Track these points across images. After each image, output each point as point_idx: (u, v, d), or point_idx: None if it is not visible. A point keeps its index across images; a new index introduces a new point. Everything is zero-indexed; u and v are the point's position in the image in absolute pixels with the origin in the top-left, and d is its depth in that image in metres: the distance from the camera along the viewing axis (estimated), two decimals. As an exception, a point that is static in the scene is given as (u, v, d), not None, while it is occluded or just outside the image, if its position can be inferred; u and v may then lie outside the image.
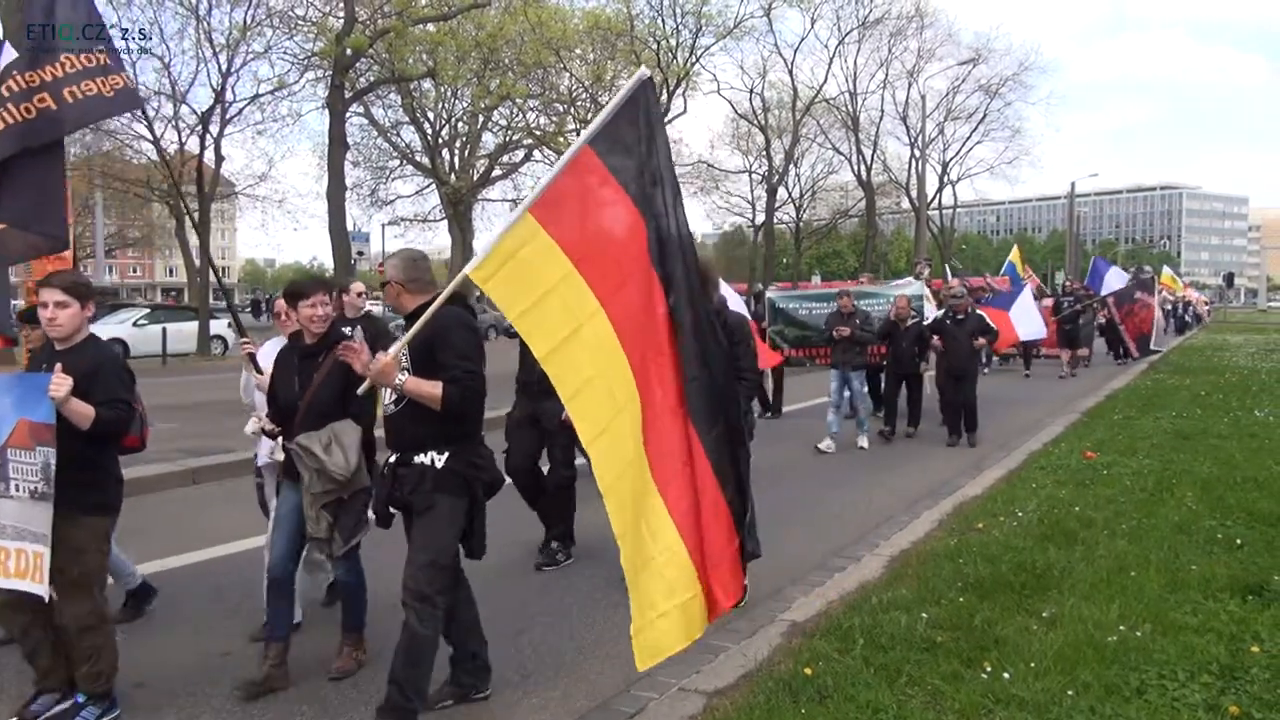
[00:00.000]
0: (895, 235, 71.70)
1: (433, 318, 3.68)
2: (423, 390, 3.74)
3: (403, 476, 3.91)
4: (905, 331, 11.69)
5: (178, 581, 5.86)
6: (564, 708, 4.13)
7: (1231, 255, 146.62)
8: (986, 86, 45.97)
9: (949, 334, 11.42)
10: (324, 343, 4.34)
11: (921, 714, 3.67)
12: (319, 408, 4.25)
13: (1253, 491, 7.49)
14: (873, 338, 11.42)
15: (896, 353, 11.76)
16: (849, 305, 11.20)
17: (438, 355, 3.76)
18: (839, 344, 11.00)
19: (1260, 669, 4.00)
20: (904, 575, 5.61)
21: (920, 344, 11.73)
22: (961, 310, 11.60)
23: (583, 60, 27.50)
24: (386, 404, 3.92)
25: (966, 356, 11.36)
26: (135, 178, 31.77)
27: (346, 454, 4.15)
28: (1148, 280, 23.25)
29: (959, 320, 11.50)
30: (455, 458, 3.85)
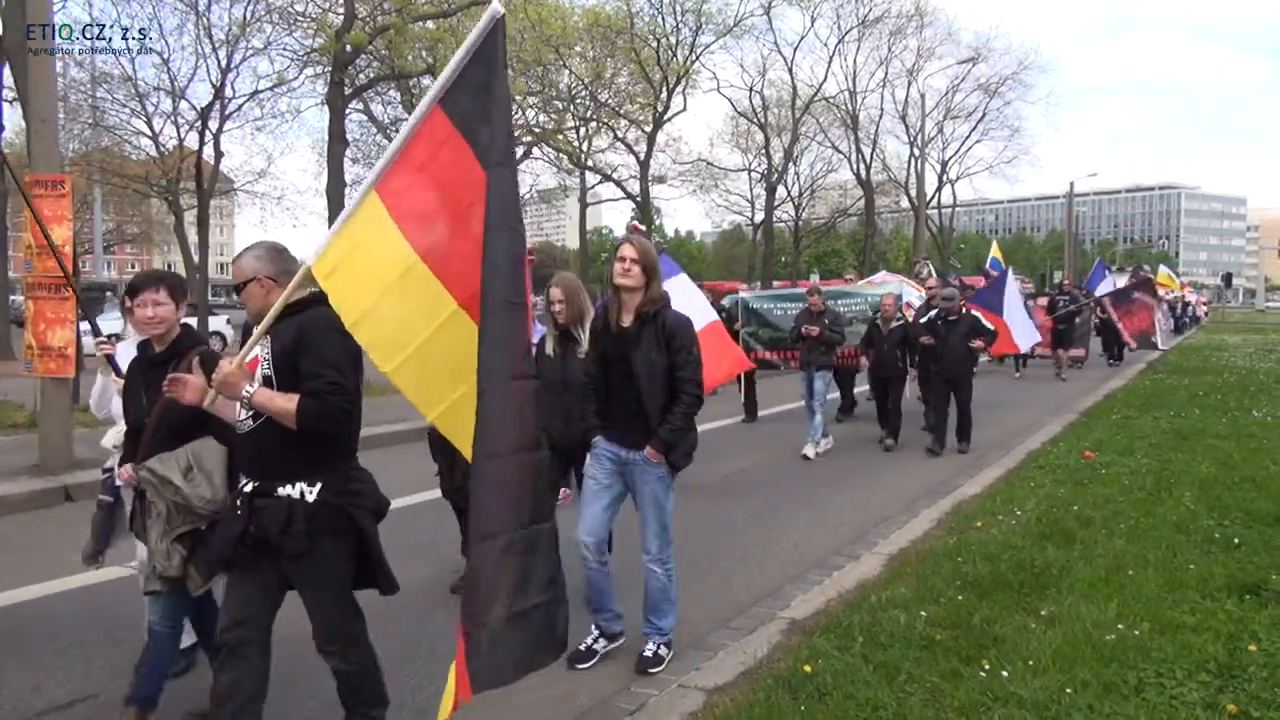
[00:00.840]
0: (894, 234, 71.72)
1: (296, 320, 3.20)
2: (275, 405, 3.15)
3: (263, 510, 3.26)
4: (889, 333, 11.21)
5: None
6: (565, 705, 4.15)
7: (1230, 255, 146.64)
8: (986, 86, 46.03)
9: (940, 336, 10.74)
10: (174, 350, 3.75)
11: (920, 712, 3.68)
12: (170, 426, 3.60)
13: (1250, 491, 7.51)
14: (841, 338, 10.84)
15: (880, 355, 11.27)
16: (818, 304, 10.63)
17: (300, 363, 3.19)
18: (807, 343, 10.52)
19: (1258, 668, 4.02)
20: (903, 574, 5.63)
21: (904, 347, 11.13)
22: (954, 311, 10.91)
23: (582, 58, 27.52)
24: (240, 420, 3.31)
25: (960, 360, 10.74)
26: (134, 173, 31.73)
27: (211, 480, 3.54)
28: (1145, 280, 23.19)
29: (951, 322, 10.81)
30: (329, 489, 3.26)
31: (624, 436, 4.49)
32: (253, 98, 26.48)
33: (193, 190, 31.49)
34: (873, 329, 11.41)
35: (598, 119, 29.80)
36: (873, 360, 11.45)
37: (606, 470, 4.61)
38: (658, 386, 4.37)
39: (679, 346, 4.37)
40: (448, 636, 4.89)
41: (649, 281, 4.35)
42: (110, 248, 52.87)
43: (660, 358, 4.34)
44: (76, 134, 27.57)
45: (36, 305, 8.58)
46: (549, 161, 33.58)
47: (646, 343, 4.35)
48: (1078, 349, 20.86)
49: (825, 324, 10.39)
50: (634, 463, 4.49)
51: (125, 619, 5.11)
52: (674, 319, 4.42)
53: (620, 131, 31.91)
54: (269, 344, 3.24)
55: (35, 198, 8.50)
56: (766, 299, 13.59)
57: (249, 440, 3.30)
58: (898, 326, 11.22)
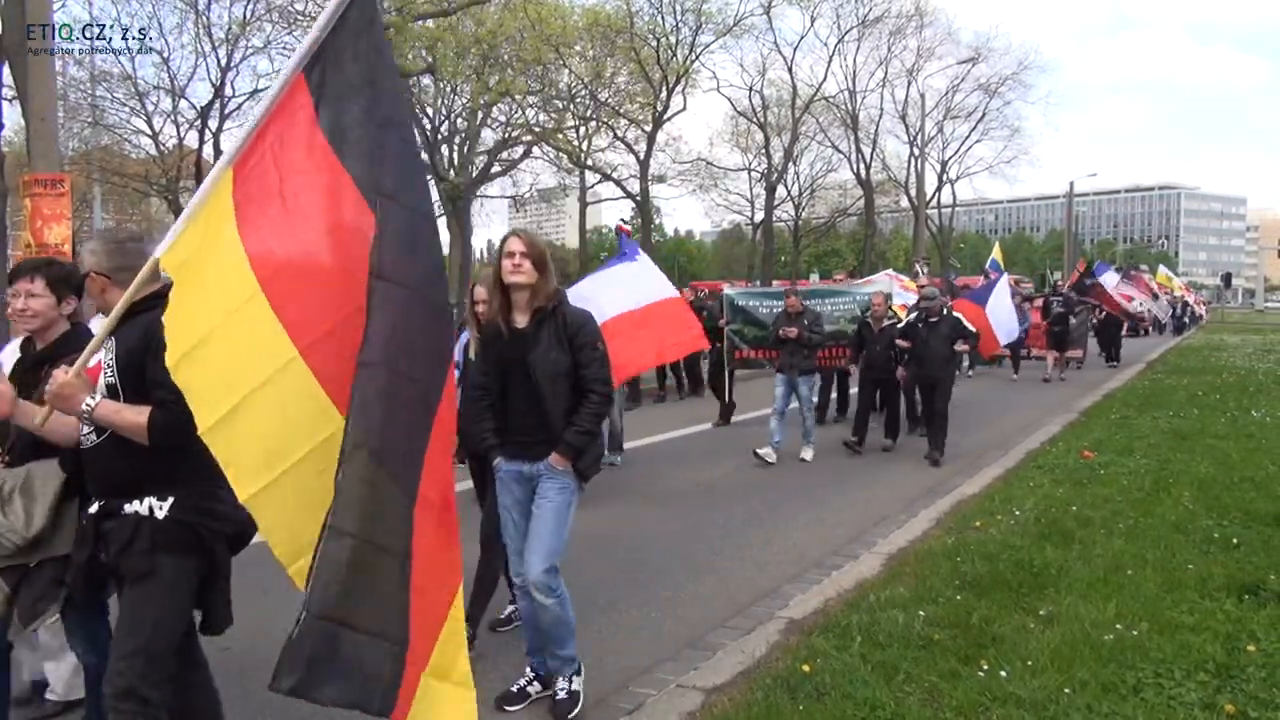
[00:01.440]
0: (894, 234, 71.71)
1: (143, 319, 2.81)
2: (123, 419, 2.80)
3: (109, 532, 2.91)
4: (881, 333, 10.73)
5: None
6: (562, 704, 4.13)
7: (1229, 255, 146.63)
8: (986, 85, 45.92)
9: (920, 338, 10.21)
10: (58, 349, 3.25)
11: (919, 712, 3.68)
12: (27, 441, 3.21)
13: (1249, 491, 7.50)
14: (822, 339, 10.40)
15: (871, 356, 10.83)
16: (796, 305, 10.18)
17: (148, 368, 2.80)
18: (786, 346, 10.04)
19: (1256, 668, 4.02)
20: (902, 574, 5.63)
21: (896, 347, 10.62)
22: (935, 312, 10.34)
23: (582, 57, 27.52)
24: (84, 434, 2.95)
25: (940, 363, 10.18)
26: (134, 172, 31.76)
27: (30, 509, 3.12)
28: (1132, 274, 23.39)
29: (932, 323, 10.24)
30: (182, 504, 2.89)
31: (525, 450, 4.01)
32: (252, 96, 26.47)
33: (192, 189, 31.48)
34: (863, 328, 11.03)
35: (597, 118, 29.79)
36: (864, 361, 11.01)
37: (516, 496, 4.11)
38: (561, 389, 3.94)
39: (582, 343, 3.95)
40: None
41: (541, 276, 3.92)
42: (110, 246, 52.74)
43: (562, 356, 3.92)
44: (76, 132, 27.58)
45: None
46: (549, 161, 33.62)
47: (545, 342, 3.92)
48: (1076, 350, 20.58)
49: (804, 325, 9.96)
50: (538, 476, 4.00)
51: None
52: (575, 314, 4.01)
53: (620, 131, 31.91)
54: (113, 347, 2.87)
55: (34, 196, 8.51)
56: (752, 296, 13.03)
57: (93, 457, 2.95)
58: (889, 326, 10.82)
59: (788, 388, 10.08)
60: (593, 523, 7.39)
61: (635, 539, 6.95)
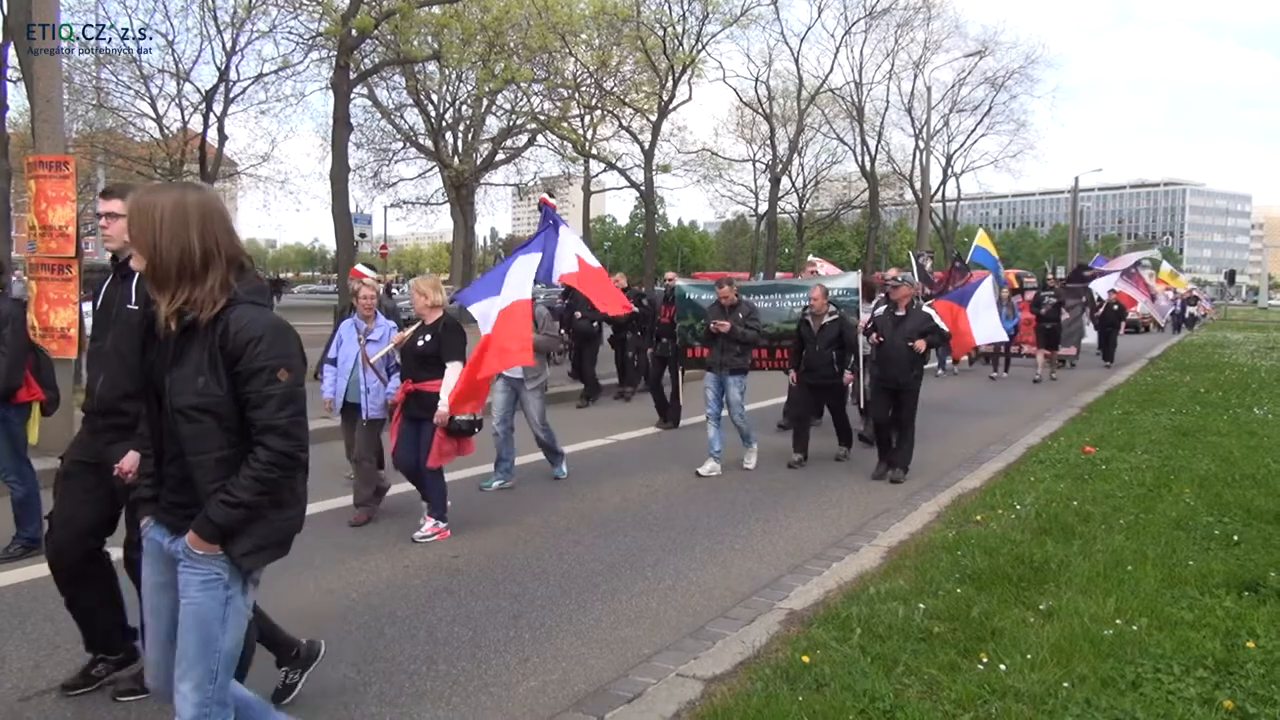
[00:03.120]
0: (898, 227, 71.62)
1: None
2: None
3: None
4: (821, 331, 9.31)
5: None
6: (562, 691, 4.15)
7: (1234, 253, 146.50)
8: (992, 79, 45.79)
9: (885, 334, 8.87)
10: None
11: (918, 704, 3.69)
12: None
13: (1251, 489, 7.51)
14: (758, 336, 9.20)
15: (811, 358, 9.34)
16: (730, 295, 9.05)
17: None
18: (717, 341, 9.00)
19: (1255, 664, 4.02)
20: (902, 566, 5.63)
21: (839, 347, 9.29)
22: (902, 304, 8.93)
23: (588, 45, 27.41)
24: None
25: (904, 365, 8.70)
26: (138, 155, 31.72)
27: None
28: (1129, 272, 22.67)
29: (898, 317, 8.87)
30: None
31: (169, 514, 2.79)
32: (257, 81, 26.44)
33: (196, 173, 31.47)
34: (801, 327, 9.52)
35: (603, 107, 29.71)
36: (804, 364, 9.43)
37: (158, 579, 2.84)
38: (211, 434, 2.64)
39: (251, 369, 2.62)
40: (446, 622, 4.93)
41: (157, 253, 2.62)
42: (113, 230, 52.70)
43: (214, 386, 2.63)
44: (80, 115, 27.55)
45: (39, 286, 8.57)
46: (553, 149, 33.55)
47: (193, 362, 2.65)
48: (1069, 348, 19.67)
49: (739, 319, 8.94)
50: (177, 556, 2.71)
51: (128, 597, 5.13)
52: (247, 321, 2.63)
53: (625, 120, 31.83)
54: None
55: (39, 178, 8.50)
56: (705, 288, 11.76)
57: None
58: (831, 323, 9.28)
59: (718, 388, 9.08)
60: (591, 511, 7.42)
61: (634, 528, 6.95)
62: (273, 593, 5.29)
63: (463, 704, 4.02)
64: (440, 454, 6.44)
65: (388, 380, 7.02)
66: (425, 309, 6.72)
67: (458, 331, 6.69)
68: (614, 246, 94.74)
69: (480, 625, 4.91)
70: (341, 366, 7.12)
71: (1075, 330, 19.97)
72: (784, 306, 10.45)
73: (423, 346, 6.62)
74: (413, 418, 6.62)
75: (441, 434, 6.41)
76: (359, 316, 7.19)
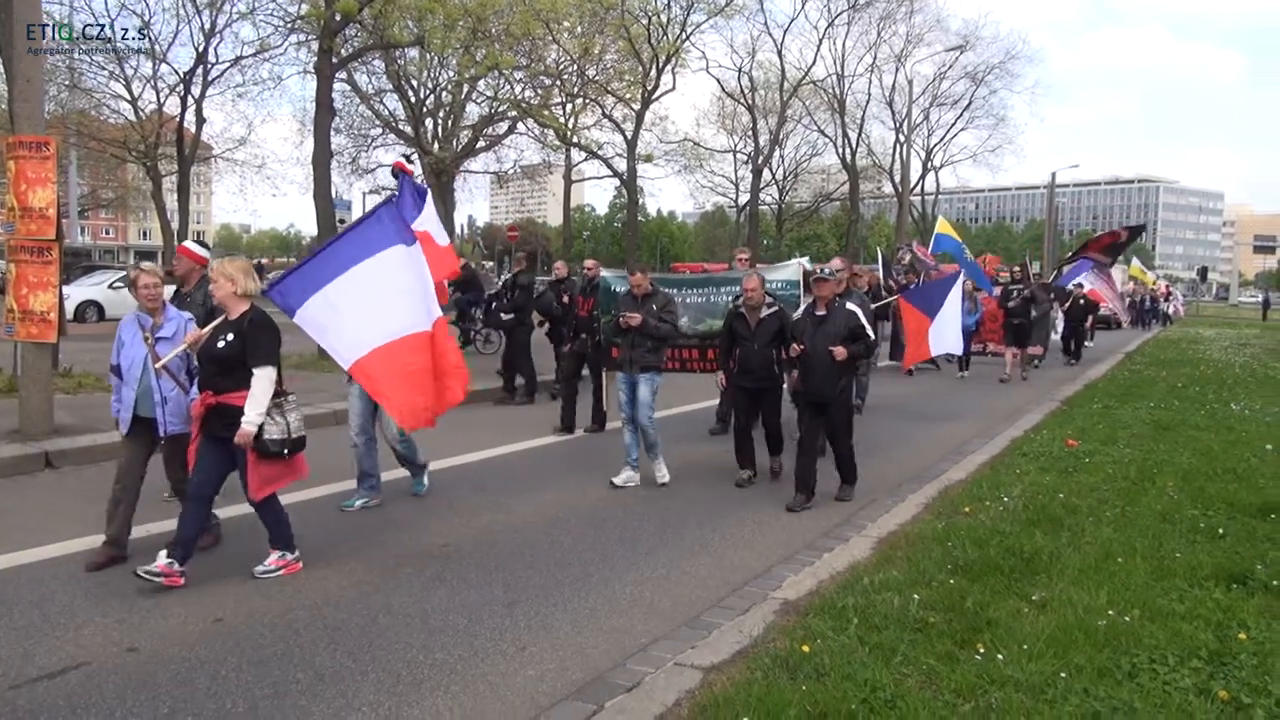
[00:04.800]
0: (876, 220, 71.91)
1: None
2: None
3: None
4: (759, 326, 7.87)
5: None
6: (561, 680, 4.14)
7: (1205, 250, 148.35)
8: (973, 74, 46.13)
9: (805, 339, 7.38)
10: None
11: (919, 693, 3.70)
12: None
13: (1232, 483, 7.59)
14: (672, 331, 8.12)
15: (745, 356, 7.94)
16: (643, 284, 8.04)
17: None
18: (626, 336, 7.99)
19: (1248, 655, 4.06)
20: (893, 557, 5.65)
21: (781, 344, 7.87)
22: (823, 302, 7.46)
23: (571, 33, 27.24)
24: None
25: (828, 375, 7.30)
26: (111, 137, 31.28)
27: None
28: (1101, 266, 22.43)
29: (819, 318, 7.43)
30: None
31: None
32: (235, 64, 26.11)
33: (171, 156, 31.09)
34: (733, 322, 8.09)
35: (585, 95, 29.58)
36: (738, 364, 8.04)
37: None
38: None
39: None
40: (440, 611, 4.90)
41: None
42: (85, 213, 52.09)
43: None
44: (53, 96, 27.11)
45: (18, 269, 8.43)
46: (534, 137, 33.35)
47: None
48: (1036, 346, 18.46)
49: (652, 311, 7.94)
50: None
51: (113, 587, 5.07)
52: None
53: (607, 109, 31.71)
54: None
55: (19, 159, 8.34)
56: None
57: None
58: (770, 316, 7.89)
59: (630, 389, 8.07)
60: (583, 501, 7.40)
61: (626, 518, 6.94)
62: (264, 582, 5.27)
63: (462, 693, 4.00)
64: (262, 482, 5.28)
65: (189, 386, 5.70)
66: (230, 299, 5.32)
67: (268, 329, 5.33)
68: (593, 236, 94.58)
69: (475, 614, 4.89)
70: (128, 375, 5.65)
71: (1044, 327, 18.87)
72: (719, 301, 9.07)
73: (224, 348, 5.24)
74: (215, 437, 5.28)
75: (255, 457, 5.21)
76: (141, 310, 5.75)
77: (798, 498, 7.39)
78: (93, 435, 8.48)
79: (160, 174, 31.26)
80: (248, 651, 4.32)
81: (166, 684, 3.96)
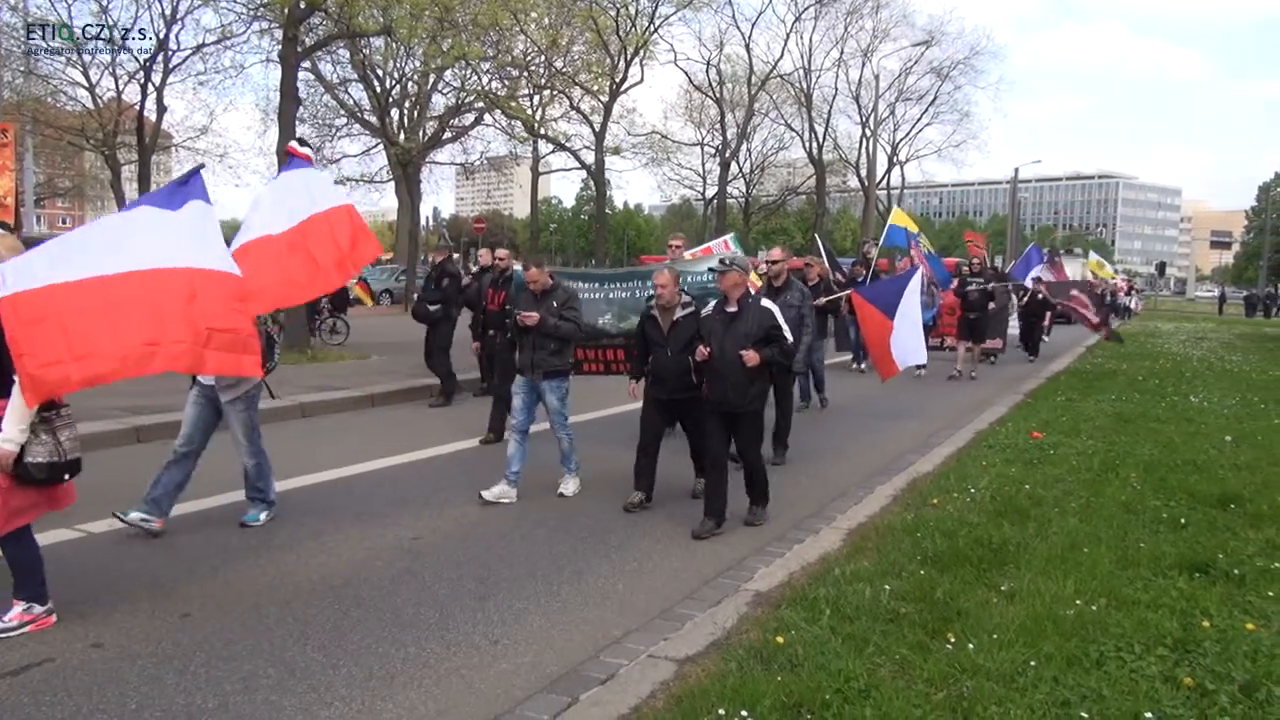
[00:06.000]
0: (841, 214, 72.32)
1: None
2: None
3: None
4: (673, 330, 6.85)
5: (133, 541, 5.71)
6: (535, 673, 4.12)
7: (1163, 245, 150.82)
8: (938, 69, 46.54)
9: (713, 340, 6.44)
10: None
11: (892, 683, 3.73)
12: None
13: (1193, 474, 7.73)
14: (575, 330, 7.25)
15: (659, 364, 6.92)
16: (539, 278, 7.17)
17: None
18: (526, 337, 7.17)
19: (1212, 642, 4.15)
20: (864, 548, 5.69)
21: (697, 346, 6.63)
22: (733, 296, 6.49)
23: (538, 24, 27.09)
24: None
25: (738, 381, 6.34)
26: (68, 125, 30.66)
27: None
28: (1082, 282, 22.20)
29: (729, 315, 6.46)
30: None
31: None
32: (197, 52, 25.68)
33: (130, 144, 30.54)
34: (645, 324, 7.11)
35: (553, 87, 29.47)
36: (650, 372, 7.07)
37: None
38: None
39: None
40: (412, 605, 4.86)
41: None
42: (41, 201, 51.03)
43: None
44: (7, 82, 26.48)
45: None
46: (500, 129, 33.17)
47: None
48: (994, 340, 17.76)
49: (552, 307, 7.09)
50: None
51: (79, 583, 4.98)
52: None
53: (575, 100, 31.61)
54: None
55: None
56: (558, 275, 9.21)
57: None
58: (687, 319, 6.86)
59: (529, 395, 7.29)
60: (552, 494, 7.36)
61: (596, 510, 6.93)
62: (232, 576, 5.21)
63: (435, 686, 3.97)
64: (10, 514, 4.23)
65: None
66: None
67: None
68: (560, 228, 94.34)
69: (447, 608, 4.86)
70: None
71: (1001, 321, 18.19)
72: (645, 297, 8.11)
73: None
74: None
75: (7, 483, 4.20)
76: None
77: (705, 523, 6.38)
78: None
79: (119, 163, 30.72)
80: (217, 646, 4.26)
81: (134, 680, 3.90)
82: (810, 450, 9.48)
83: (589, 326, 8.30)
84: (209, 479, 6.51)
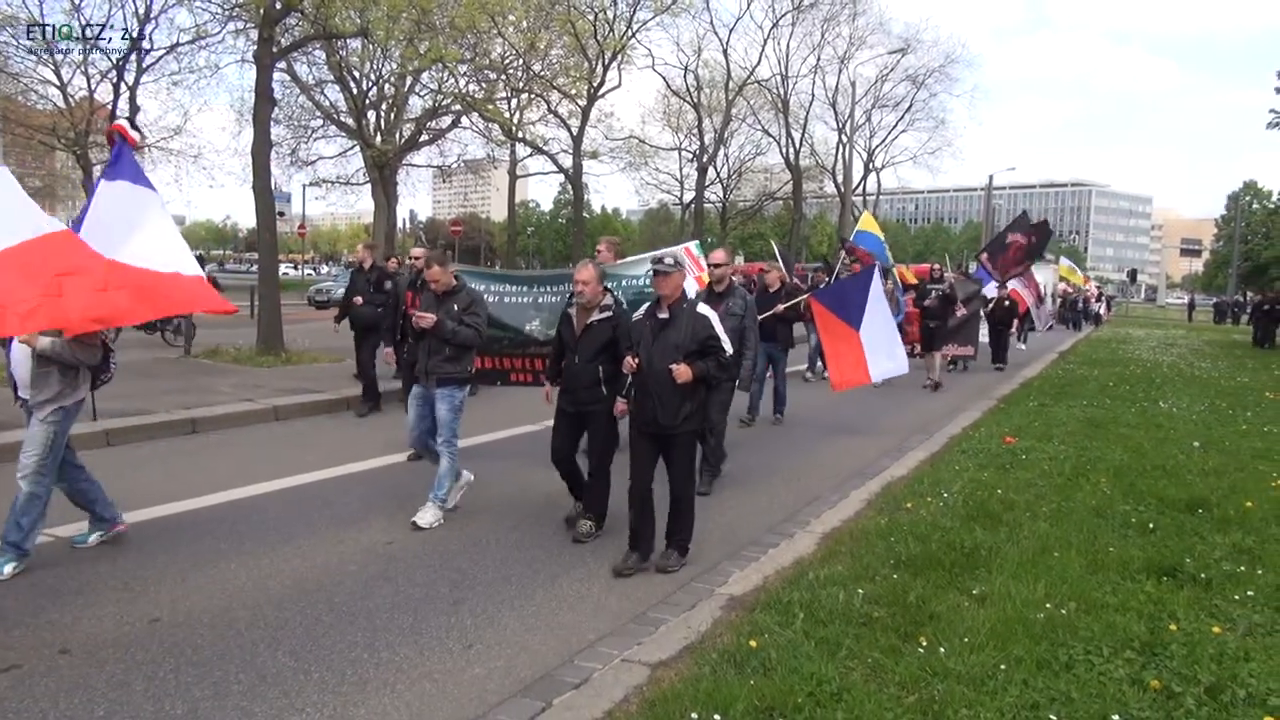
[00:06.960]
0: (817, 220, 72.64)
1: None
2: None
3: None
4: (585, 334, 6.22)
5: (100, 545, 5.64)
6: (508, 677, 4.11)
7: (1135, 252, 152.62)
8: (914, 77, 46.79)
9: (643, 346, 5.72)
10: None
11: (864, 686, 3.75)
12: None
13: (1161, 479, 7.83)
14: (475, 336, 6.60)
15: (570, 373, 6.33)
16: (441, 278, 6.58)
17: None
18: (422, 342, 6.62)
19: (1179, 645, 4.20)
20: (838, 552, 5.72)
21: (611, 360, 6.15)
22: (666, 302, 5.70)
23: (516, 27, 27.06)
24: None
25: (668, 398, 5.56)
26: (39, 124, 30.28)
27: None
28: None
29: (660, 321, 5.70)
30: None
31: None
32: (171, 51, 25.42)
33: (102, 144, 30.17)
34: (562, 329, 6.51)
35: (530, 90, 29.43)
36: (564, 380, 6.44)
37: None
38: None
39: None
40: (385, 609, 4.84)
41: None
42: (11, 201, 50.27)
43: None
44: (-23, 80, 26.16)
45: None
46: (478, 132, 33.09)
47: None
48: (965, 347, 17.33)
49: (453, 310, 6.54)
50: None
51: (43, 588, 4.92)
52: None
53: (553, 104, 31.58)
54: None
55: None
56: (490, 278, 8.61)
57: None
58: (601, 323, 6.20)
59: (424, 405, 6.78)
60: (528, 498, 7.35)
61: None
62: (203, 580, 5.16)
63: (407, 691, 3.95)
64: None
65: None
66: None
67: None
68: (537, 231, 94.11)
69: (421, 612, 4.84)
70: None
71: (973, 329, 17.64)
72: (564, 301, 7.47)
73: None
74: None
75: None
76: None
77: (630, 556, 5.68)
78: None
79: (91, 162, 30.33)
80: (186, 652, 4.22)
81: (102, 686, 3.85)
82: (783, 456, 9.52)
83: (515, 332, 7.99)
84: (179, 483, 6.45)
